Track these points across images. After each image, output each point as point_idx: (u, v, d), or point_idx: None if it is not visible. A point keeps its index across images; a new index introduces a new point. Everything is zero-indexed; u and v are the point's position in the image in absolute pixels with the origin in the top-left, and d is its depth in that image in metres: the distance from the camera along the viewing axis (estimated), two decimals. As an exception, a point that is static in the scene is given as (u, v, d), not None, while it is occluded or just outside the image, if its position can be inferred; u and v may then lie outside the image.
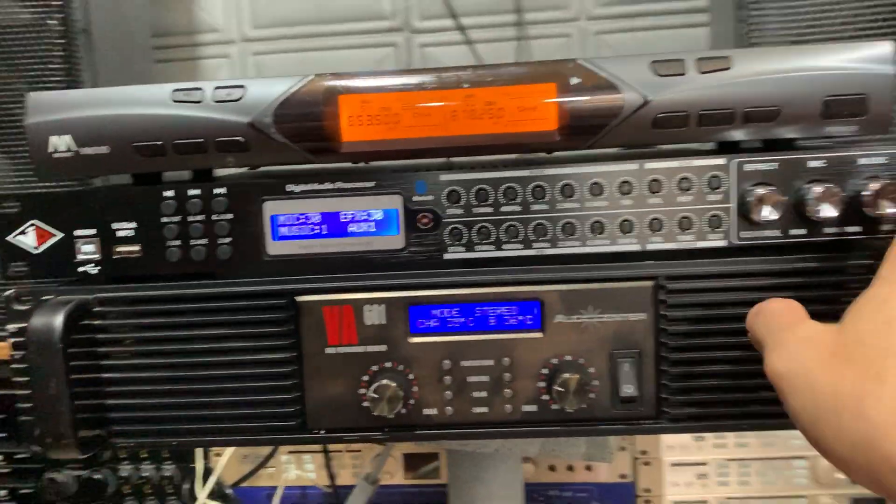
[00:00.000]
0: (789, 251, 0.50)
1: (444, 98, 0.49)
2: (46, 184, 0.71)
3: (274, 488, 1.16)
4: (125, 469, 1.14)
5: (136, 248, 0.52)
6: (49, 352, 0.48)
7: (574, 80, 0.48)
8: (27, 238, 0.52)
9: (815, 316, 0.42)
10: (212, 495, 1.11)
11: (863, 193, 0.48)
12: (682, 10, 1.15)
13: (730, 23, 0.91)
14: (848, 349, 0.40)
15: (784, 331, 0.42)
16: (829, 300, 0.48)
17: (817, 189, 0.48)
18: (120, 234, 0.51)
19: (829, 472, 1.00)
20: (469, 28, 1.14)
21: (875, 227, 0.49)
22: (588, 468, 1.02)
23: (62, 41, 0.75)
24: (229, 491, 1.11)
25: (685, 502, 1.00)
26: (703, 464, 1.00)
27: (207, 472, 1.13)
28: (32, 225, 0.52)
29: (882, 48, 0.48)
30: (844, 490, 1.01)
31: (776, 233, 0.50)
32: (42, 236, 0.52)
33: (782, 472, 1.00)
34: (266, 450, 1.12)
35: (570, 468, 1.02)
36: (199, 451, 1.09)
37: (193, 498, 1.13)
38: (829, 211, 0.48)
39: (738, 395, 0.50)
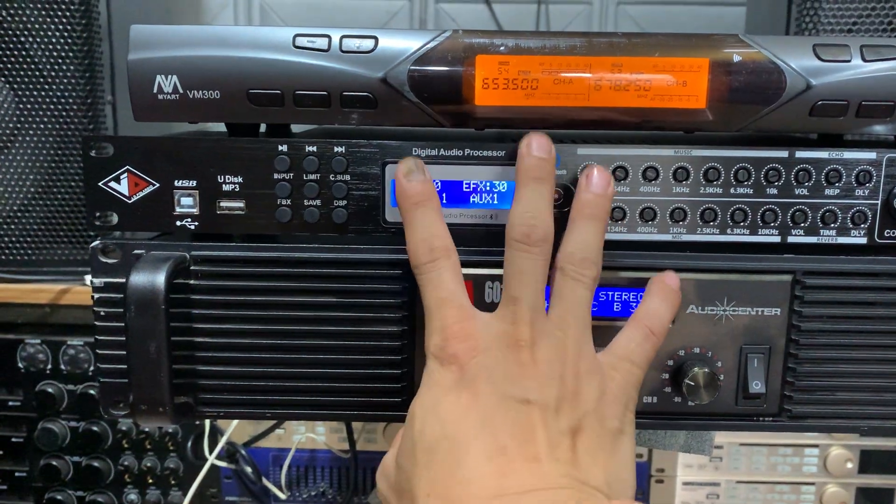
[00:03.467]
0: (928, 253, 0.48)
1: (587, 66, 0.46)
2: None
3: (282, 450, 1.13)
4: (124, 423, 1.09)
5: (240, 204, 0.48)
6: (151, 312, 0.44)
7: (736, 57, 0.45)
8: (120, 186, 0.47)
9: None
10: (219, 455, 1.08)
11: None
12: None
13: (768, 3, 0.89)
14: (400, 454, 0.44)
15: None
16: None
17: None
18: (225, 188, 0.47)
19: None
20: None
21: None
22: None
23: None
24: (243, 451, 1.08)
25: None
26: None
27: (212, 431, 1.10)
28: (126, 171, 0.47)
29: None
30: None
31: (919, 233, 0.48)
32: (136, 185, 0.47)
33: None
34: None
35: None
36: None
37: (198, 457, 1.09)
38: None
39: (869, 395, 0.48)
